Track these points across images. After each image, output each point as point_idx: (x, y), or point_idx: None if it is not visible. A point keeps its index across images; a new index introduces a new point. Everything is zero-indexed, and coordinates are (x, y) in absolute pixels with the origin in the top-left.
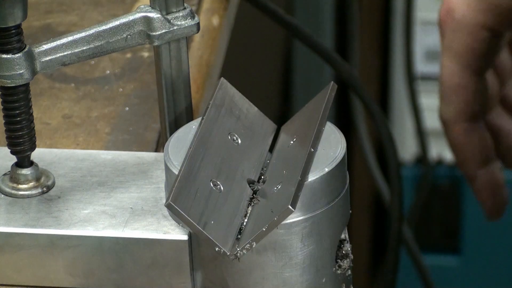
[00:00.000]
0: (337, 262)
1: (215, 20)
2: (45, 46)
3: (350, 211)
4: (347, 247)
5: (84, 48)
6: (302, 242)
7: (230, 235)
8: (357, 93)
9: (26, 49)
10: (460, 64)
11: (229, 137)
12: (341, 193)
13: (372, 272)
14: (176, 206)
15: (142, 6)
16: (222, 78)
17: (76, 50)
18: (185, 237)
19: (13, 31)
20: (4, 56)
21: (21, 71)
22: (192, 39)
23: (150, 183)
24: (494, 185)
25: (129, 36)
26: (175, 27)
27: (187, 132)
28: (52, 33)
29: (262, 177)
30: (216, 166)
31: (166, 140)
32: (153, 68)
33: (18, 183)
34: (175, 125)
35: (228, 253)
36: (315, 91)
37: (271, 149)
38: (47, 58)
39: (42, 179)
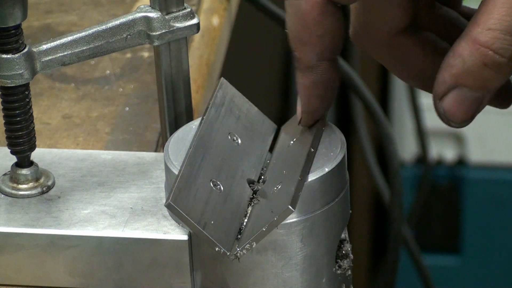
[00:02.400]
0: (337, 262)
1: (215, 20)
2: (45, 46)
3: (350, 211)
4: (347, 247)
5: (84, 48)
6: (302, 242)
7: (230, 235)
8: (357, 93)
9: (26, 49)
10: None
11: (229, 137)
12: (341, 193)
13: (372, 272)
14: (176, 206)
15: (142, 6)
16: (222, 78)
17: (76, 50)
18: (185, 237)
19: (13, 31)
20: (4, 56)
21: (21, 71)
22: (192, 39)
23: (150, 183)
24: None
25: (129, 36)
26: (175, 27)
27: (187, 132)
28: (52, 33)
29: (262, 177)
30: (216, 166)
31: (166, 140)
32: (153, 68)
33: (18, 183)
34: (175, 125)
35: (228, 253)
36: None
37: (271, 149)
38: (47, 58)
39: (42, 179)
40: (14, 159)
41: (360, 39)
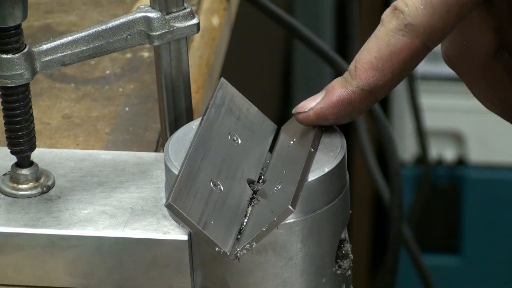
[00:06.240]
0: (337, 262)
1: (215, 20)
2: (45, 46)
3: (350, 211)
4: (347, 247)
5: (84, 48)
6: (302, 242)
7: (230, 235)
8: None
9: (26, 49)
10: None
11: (229, 137)
12: (341, 193)
13: (372, 272)
14: (176, 206)
15: (142, 6)
16: (222, 78)
17: (76, 50)
18: (185, 237)
19: (13, 31)
20: (4, 56)
21: (21, 71)
22: (192, 39)
23: (150, 183)
24: None
25: (129, 36)
26: (175, 27)
27: (187, 132)
28: (52, 33)
29: (262, 177)
30: (216, 166)
31: (166, 140)
32: (153, 68)
33: (18, 183)
34: (175, 125)
35: (228, 253)
36: (315, 91)
37: (271, 149)
38: (47, 58)
39: (42, 179)
40: (14, 159)
41: (455, 63)
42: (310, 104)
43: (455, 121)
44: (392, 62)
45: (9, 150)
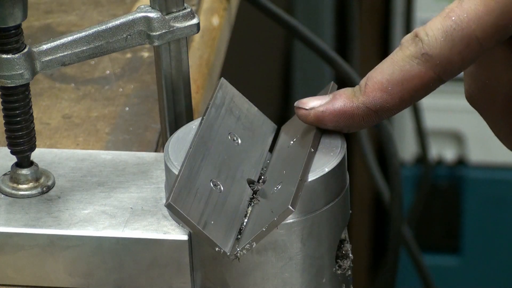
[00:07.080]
0: (337, 262)
1: (215, 20)
2: (45, 46)
3: (350, 211)
4: (347, 247)
5: (84, 48)
6: (302, 242)
7: (230, 235)
8: None
9: (26, 49)
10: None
11: (229, 137)
12: (341, 193)
13: (372, 272)
14: (176, 206)
15: (142, 6)
16: (222, 78)
17: (76, 50)
18: (185, 237)
19: (13, 31)
20: (4, 56)
21: (21, 71)
22: (192, 39)
23: (150, 183)
24: None
25: (129, 36)
26: (175, 27)
27: (187, 132)
28: (52, 33)
29: (262, 177)
30: (216, 166)
31: (166, 140)
32: (153, 68)
33: (18, 183)
34: (175, 125)
35: (228, 253)
36: (315, 91)
37: (271, 149)
38: (47, 58)
39: (42, 179)
40: (14, 159)
41: (476, 101)
42: (313, 103)
43: (455, 121)
44: (403, 87)
45: (9, 150)
